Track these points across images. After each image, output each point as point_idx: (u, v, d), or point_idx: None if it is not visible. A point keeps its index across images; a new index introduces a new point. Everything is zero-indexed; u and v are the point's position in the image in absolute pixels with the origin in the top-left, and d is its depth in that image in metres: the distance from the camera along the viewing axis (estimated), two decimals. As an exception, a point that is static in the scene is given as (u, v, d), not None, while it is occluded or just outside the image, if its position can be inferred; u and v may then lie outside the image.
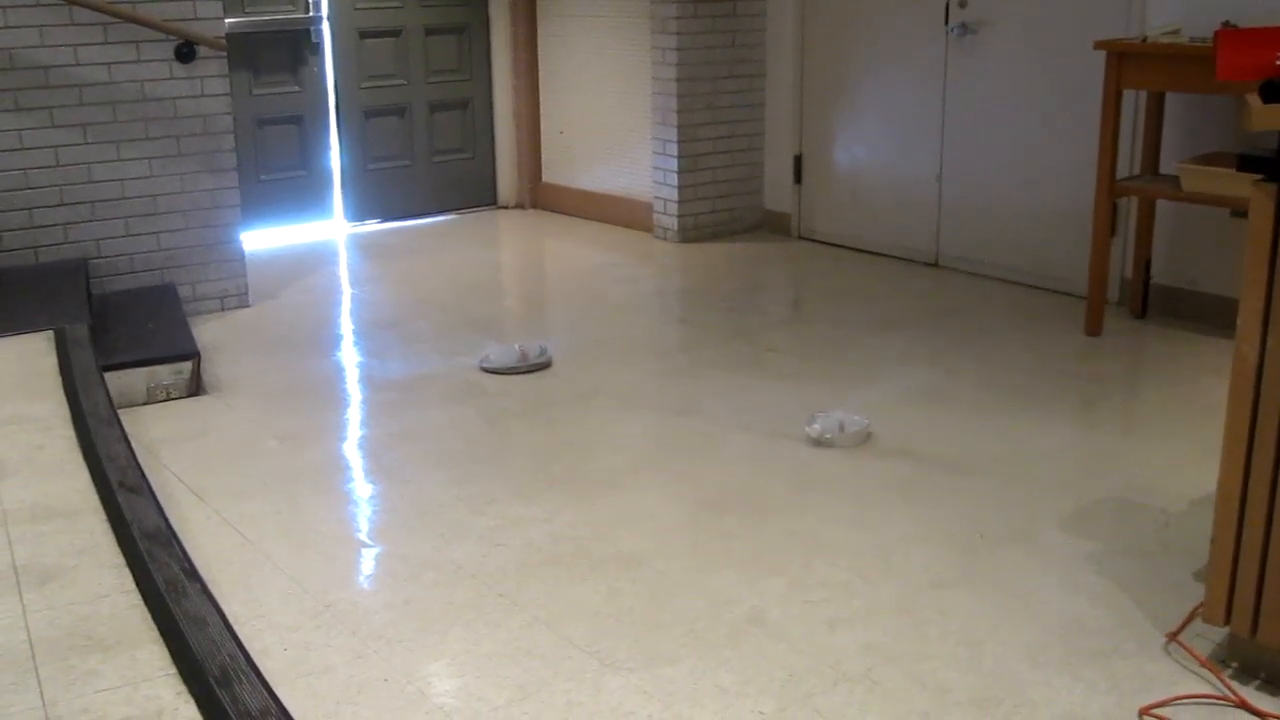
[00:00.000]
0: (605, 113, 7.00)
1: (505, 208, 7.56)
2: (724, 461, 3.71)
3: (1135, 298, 5.05)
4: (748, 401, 4.22)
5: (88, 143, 4.96)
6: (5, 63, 4.76)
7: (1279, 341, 2.37)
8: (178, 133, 5.11)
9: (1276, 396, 2.39)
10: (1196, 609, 2.68)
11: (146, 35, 4.96)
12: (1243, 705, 2.44)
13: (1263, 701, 2.45)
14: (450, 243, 6.77)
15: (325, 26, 6.77)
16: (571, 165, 7.32)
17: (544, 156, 7.49)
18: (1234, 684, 2.50)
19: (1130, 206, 5.06)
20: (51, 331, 4.18)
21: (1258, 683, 2.51)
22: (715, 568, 3.05)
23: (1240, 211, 4.42)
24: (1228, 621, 2.53)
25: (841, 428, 3.82)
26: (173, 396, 4.31)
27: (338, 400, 4.38)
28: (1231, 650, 2.58)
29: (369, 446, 3.95)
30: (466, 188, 7.45)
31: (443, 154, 7.32)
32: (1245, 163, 2.40)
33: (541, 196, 7.52)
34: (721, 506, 3.40)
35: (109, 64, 4.93)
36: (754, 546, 3.16)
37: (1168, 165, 4.79)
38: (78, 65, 4.87)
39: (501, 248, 6.87)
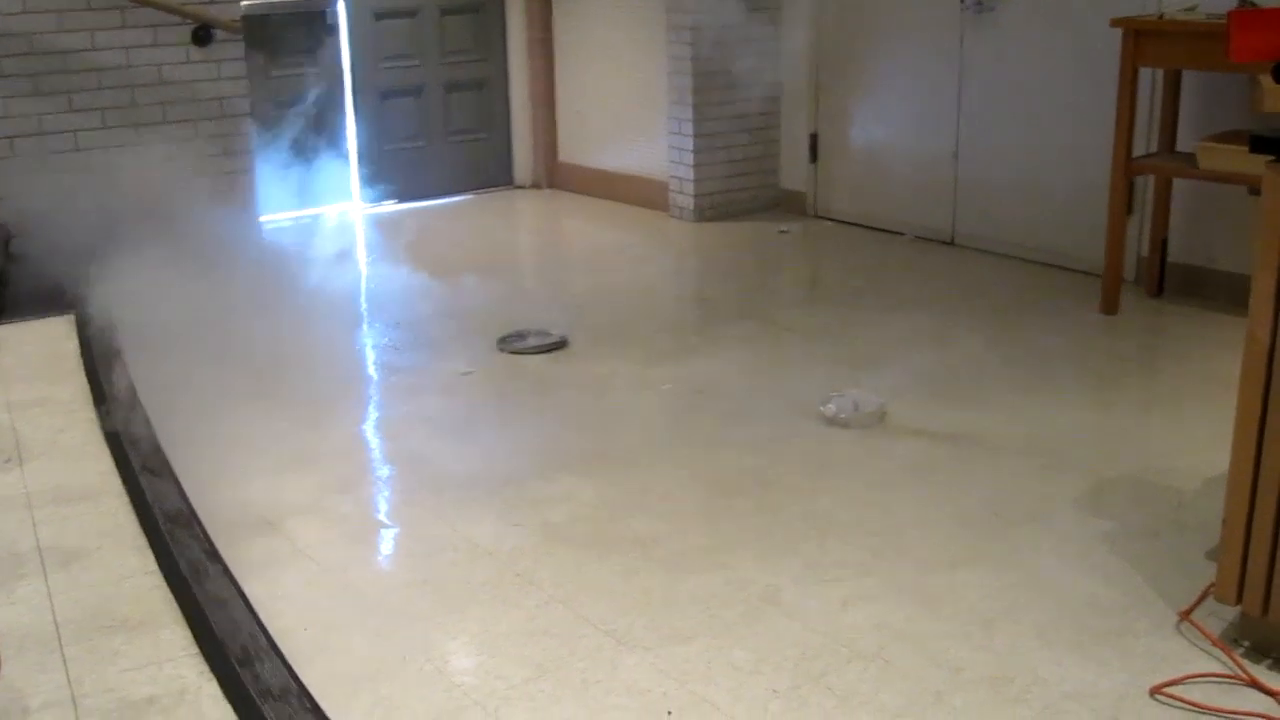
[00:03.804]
0: (621, 92, 6.99)
1: (521, 187, 7.57)
2: (739, 441, 3.73)
3: (1151, 276, 5.04)
4: (763, 381, 4.23)
5: (106, 127, 4.99)
6: (24, 48, 4.79)
7: (1291, 322, 2.38)
8: (195, 115, 5.14)
9: (1288, 377, 2.39)
10: (1209, 588, 2.69)
11: (163, 19, 4.98)
12: (1253, 684, 2.45)
13: (1274, 680, 2.46)
14: (467, 223, 6.79)
15: (341, 8, 6.77)
16: (587, 145, 7.32)
17: (560, 136, 7.49)
18: (1245, 663, 2.51)
19: (1147, 184, 5.05)
20: (73, 315, 4.22)
21: (1269, 662, 2.53)
22: (730, 547, 3.07)
23: (1258, 189, 4.40)
24: (1239, 601, 2.55)
25: (856, 407, 3.83)
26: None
27: (353, 381, 4.40)
28: (1243, 629, 2.59)
29: (386, 427, 3.98)
30: (482, 168, 7.46)
31: (459, 134, 7.33)
32: (1257, 144, 2.39)
33: (557, 176, 7.53)
34: (737, 486, 3.43)
35: (126, 48, 4.96)
36: (769, 526, 3.18)
37: (1185, 143, 4.77)
38: (95, 50, 4.90)
39: (518, 228, 6.89)
